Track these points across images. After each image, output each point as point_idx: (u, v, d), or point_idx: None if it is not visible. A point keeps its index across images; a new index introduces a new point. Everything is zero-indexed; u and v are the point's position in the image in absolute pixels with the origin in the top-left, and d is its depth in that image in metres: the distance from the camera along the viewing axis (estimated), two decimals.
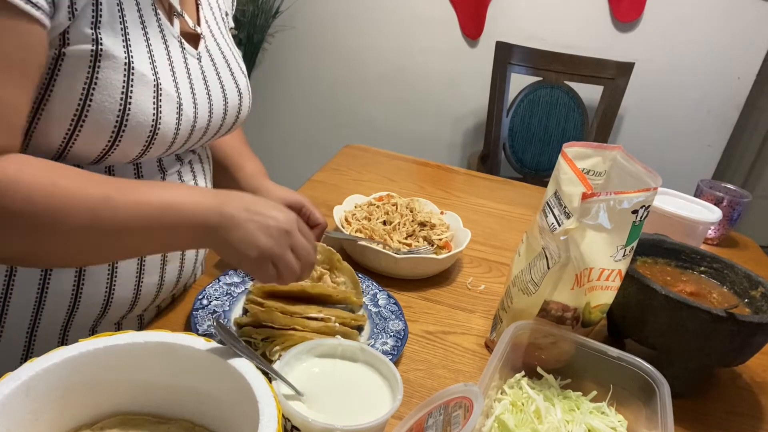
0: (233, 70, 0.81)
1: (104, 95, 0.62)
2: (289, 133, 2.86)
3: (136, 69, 0.63)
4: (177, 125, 0.69)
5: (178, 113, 0.69)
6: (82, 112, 0.62)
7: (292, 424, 0.56)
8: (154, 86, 0.65)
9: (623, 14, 2.39)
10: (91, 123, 0.62)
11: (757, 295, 0.84)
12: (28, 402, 0.49)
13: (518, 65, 2.24)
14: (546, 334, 0.76)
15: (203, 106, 0.74)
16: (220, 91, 0.77)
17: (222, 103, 0.78)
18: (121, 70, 0.62)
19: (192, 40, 0.75)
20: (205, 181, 0.85)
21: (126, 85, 0.63)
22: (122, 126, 0.64)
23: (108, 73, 0.62)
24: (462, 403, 0.55)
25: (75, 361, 0.52)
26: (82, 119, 0.62)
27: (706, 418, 0.81)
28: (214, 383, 0.55)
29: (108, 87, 0.62)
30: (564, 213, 0.73)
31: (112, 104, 0.62)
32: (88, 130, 0.63)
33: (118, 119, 0.63)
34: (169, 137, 0.69)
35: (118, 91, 0.62)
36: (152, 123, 0.66)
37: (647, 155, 2.21)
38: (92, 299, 0.73)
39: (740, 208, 1.33)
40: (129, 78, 0.63)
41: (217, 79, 0.77)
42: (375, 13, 2.58)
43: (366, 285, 0.91)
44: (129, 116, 0.64)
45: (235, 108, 0.81)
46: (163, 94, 0.66)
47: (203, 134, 0.76)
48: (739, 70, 2.41)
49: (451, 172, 1.59)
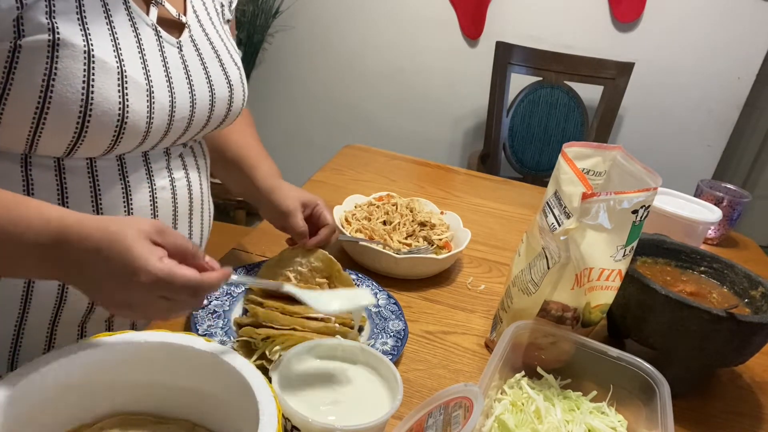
0: (223, 60, 0.79)
1: (65, 86, 0.60)
2: (289, 133, 2.86)
3: (96, 57, 0.62)
4: (149, 114, 0.67)
5: (149, 102, 0.67)
6: (44, 104, 0.60)
7: (292, 424, 0.56)
8: (117, 74, 0.64)
9: (623, 14, 2.39)
10: (54, 115, 0.61)
11: (757, 295, 0.84)
12: (28, 402, 0.49)
13: (518, 65, 2.24)
14: (546, 334, 0.76)
15: (183, 96, 0.72)
16: (205, 81, 0.76)
17: (208, 94, 0.76)
18: (80, 58, 0.61)
19: (175, 28, 0.74)
20: (199, 177, 0.83)
21: (87, 74, 0.61)
22: (87, 116, 0.62)
23: (67, 63, 0.60)
24: (462, 403, 0.55)
25: (75, 361, 0.52)
26: (45, 111, 0.61)
27: (706, 418, 0.81)
28: (214, 383, 0.55)
29: (68, 77, 0.60)
30: (564, 213, 0.73)
31: (74, 94, 0.61)
32: (53, 122, 0.62)
33: (82, 109, 0.62)
34: (141, 126, 0.67)
35: (79, 81, 0.61)
36: (119, 112, 0.64)
37: (647, 155, 2.20)
38: (77, 295, 0.71)
39: (740, 208, 1.33)
40: (90, 66, 0.61)
41: (202, 69, 0.75)
42: (375, 13, 2.58)
43: (366, 285, 0.91)
44: (93, 106, 0.62)
45: (224, 100, 0.79)
46: (130, 82, 0.65)
47: (187, 125, 0.74)
48: (739, 71, 2.41)
49: (451, 172, 1.59)
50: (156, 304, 0.55)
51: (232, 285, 0.86)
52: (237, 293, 0.84)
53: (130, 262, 0.52)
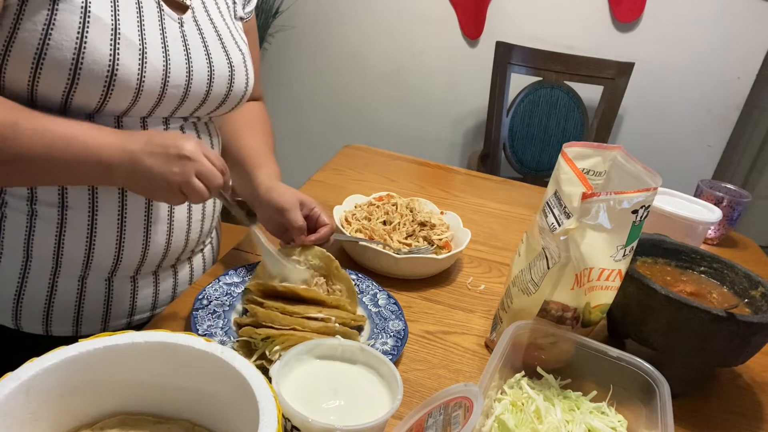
0: (226, 43, 0.83)
1: (61, 35, 0.66)
2: (289, 133, 2.86)
3: (92, 12, 0.67)
4: (140, 72, 0.71)
5: (140, 61, 0.71)
6: (42, 50, 0.66)
7: (292, 424, 0.56)
8: (111, 30, 0.68)
9: (623, 14, 2.39)
10: (50, 62, 0.66)
11: (757, 295, 0.84)
12: (28, 402, 0.49)
13: (518, 65, 2.24)
14: (546, 334, 0.76)
15: (179, 65, 0.76)
16: (204, 56, 0.79)
17: (206, 71, 0.79)
18: (77, 12, 0.66)
19: (180, 9, 0.78)
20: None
21: (82, 26, 0.67)
22: (78, 65, 0.67)
23: (65, 15, 0.66)
24: (462, 403, 0.55)
25: (75, 361, 0.52)
26: (42, 58, 0.66)
27: (706, 418, 0.81)
28: (214, 383, 0.55)
29: (65, 27, 0.66)
30: (564, 213, 0.73)
31: (68, 43, 0.66)
32: (48, 70, 0.67)
33: (74, 57, 0.67)
34: (132, 83, 0.71)
35: (74, 32, 0.66)
36: (108, 64, 0.68)
37: (647, 155, 2.21)
38: (103, 248, 0.79)
39: (740, 208, 1.33)
40: (85, 20, 0.67)
41: (202, 45, 0.79)
42: (375, 13, 2.58)
43: (366, 285, 0.91)
44: (84, 55, 0.67)
45: (224, 78, 0.82)
46: (123, 40, 0.69)
47: (184, 95, 0.78)
48: (739, 70, 2.41)
49: (451, 172, 1.59)
50: (192, 181, 0.69)
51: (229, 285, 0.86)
52: (237, 293, 0.84)
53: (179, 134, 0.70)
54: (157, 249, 0.83)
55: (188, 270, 0.93)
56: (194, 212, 0.87)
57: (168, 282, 0.90)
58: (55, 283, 0.79)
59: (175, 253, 0.86)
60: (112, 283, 0.83)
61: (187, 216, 0.86)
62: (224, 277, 0.87)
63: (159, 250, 0.83)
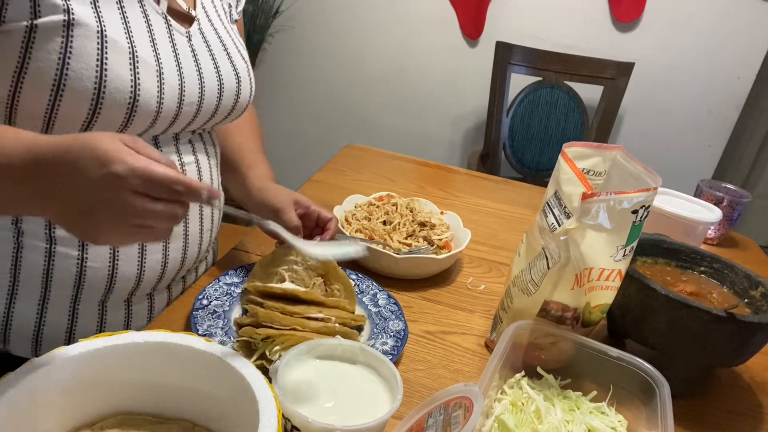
0: (231, 54, 0.82)
1: (80, 63, 0.63)
2: (289, 133, 2.86)
3: (108, 36, 0.65)
4: (159, 94, 0.70)
5: (159, 82, 0.69)
6: (60, 80, 0.63)
7: (292, 424, 0.56)
8: (129, 53, 0.66)
9: (623, 14, 2.39)
10: (70, 92, 0.64)
11: (757, 295, 0.84)
12: (29, 402, 0.49)
13: (518, 65, 2.24)
14: (546, 334, 0.76)
15: (192, 81, 0.75)
16: (213, 70, 0.78)
17: (216, 83, 0.78)
18: (94, 37, 0.64)
19: (185, 21, 0.76)
20: (209, 163, 0.85)
21: (100, 52, 0.64)
22: (101, 93, 0.65)
23: (82, 42, 0.63)
24: (462, 403, 0.55)
25: (75, 361, 0.52)
26: (61, 88, 0.63)
27: (706, 418, 0.81)
28: (214, 383, 0.55)
29: (83, 55, 0.63)
30: (564, 213, 0.73)
31: (88, 71, 0.64)
32: (69, 99, 0.64)
33: (96, 86, 0.64)
34: (153, 105, 0.69)
35: (93, 59, 0.64)
36: (131, 89, 0.66)
37: (647, 155, 2.20)
38: (95, 270, 0.74)
39: (740, 208, 1.33)
40: (102, 45, 0.64)
41: (210, 59, 0.78)
42: (375, 13, 2.58)
43: (366, 285, 0.91)
44: (106, 82, 0.65)
45: (232, 90, 0.81)
46: (141, 62, 0.67)
47: (197, 111, 0.77)
48: (739, 70, 2.41)
49: (451, 172, 1.59)
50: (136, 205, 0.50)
51: (233, 285, 0.86)
52: (237, 293, 0.84)
53: (102, 154, 0.49)
54: (151, 275, 0.79)
55: (181, 288, 0.89)
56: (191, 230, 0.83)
57: (162, 302, 0.86)
58: (44, 308, 0.75)
59: (171, 275, 0.82)
60: (105, 308, 0.79)
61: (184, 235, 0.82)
62: (224, 277, 0.87)
63: (154, 276, 0.80)
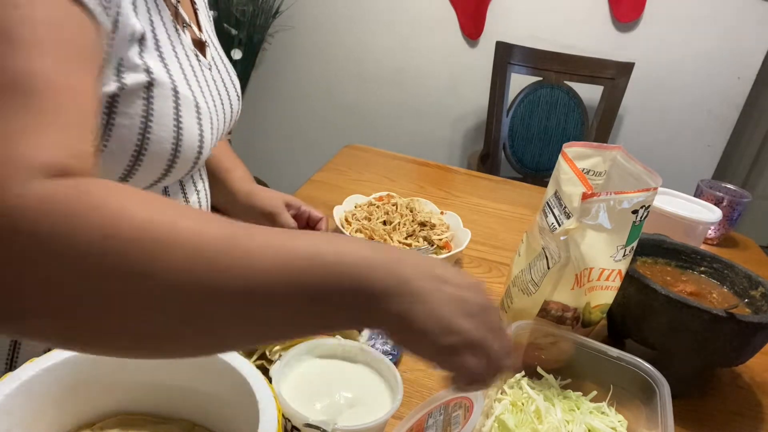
0: (231, 74, 0.80)
1: (160, 125, 0.58)
2: (289, 133, 2.86)
3: (180, 93, 0.60)
4: (211, 139, 0.67)
5: (211, 128, 0.66)
6: (143, 145, 0.58)
7: (292, 424, 0.56)
8: (195, 106, 0.62)
9: (623, 14, 2.39)
10: (151, 156, 0.59)
11: (757, 295, 0.84)
12: (28, 402, 0.49)
13: (518, 65, 2.24)
14: (546, 334, 0.76)
15: (220, 117, 0.72)
16: (227, 98, 0.76)
17: (230, 111, 0.76)
18: (170, 96, 0.59)
19: (200, 48, 0.72)
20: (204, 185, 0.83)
21: (176, 111, 0.60)
22: (176, 153, 0.61)
23: (161, 102, 0.58)
24: (462, 403, 0.55)
25: (75, 361, 0.52)
26: (142, 153, 0.58)
27: (706, 418, 0.81)
28: (214, 383, 0.55)
29: (162, 116, 0.58)
30: (564, 213, 0.73)
31: (166, 133, 0.59)
32: (148, 164, 0.60)
33: (173, 146, 0.60)
34: (205, 153, 0.66)
35: (170, 119, 0.59)
36: (198, 143, 0.63)
37: (647, 155, 2.20)
38: None
39: (740, 208, 1.33)
40: (177, 103, 0.60)
41: (224, 86, 0.75)
42: (375, 13, 2.58)
43: None
44: (182, 141, 0.61)
45: (236, 112, 0.80)
46: (202, 113, 0.64)
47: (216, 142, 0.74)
48: (739, 71, 2.41)
49: (451, 172, 1.59)
50: (489, 343, 0.43)
51: None
52: None
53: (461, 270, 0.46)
54: None
55: None
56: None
57: None
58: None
59: None
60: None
61: None
62: None
63: None
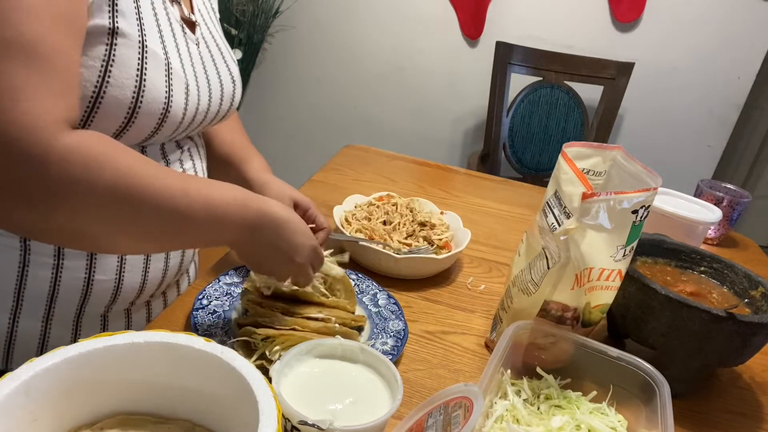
0: (226, 57, 0.83)
1: (122, 71, 0.63)
2: (289, 133, 2.86)
3: (149, 47, 0.65)
4: (185, 106, 0.71)
5: (186, 94, 0.70)
6: (101, 88, 0.63)
7: (292, 424, 0.56)
8: (165, 65, 0.67)
9: (623, 14, 2.39)
10: (109, 99, 0.63)
11: (757, 295, 0.84)
12: (28, 402, 0.49)
13: (518, 65, 2.24)
14: (546, 334, 0.76)
15: (204, 90, 0.76)
16: (216, 76, 0.79)
17: (219, 89, 0.80)
18: (135, 47, 0.64)
19: (189, 26, 0.77)
20: (203, 167, 0.86)
21: (140, 62, 0.64)
22: (138, 103, 0.65)
23: (124, 50, 0.63)
24: (462, 403, 0.55)
25: (75, 361, 0.52)
26: (101, 96, 0.63)
27: (706, 418, 0.81)
28: (214, 383, 0.55)
29: (125, 64, 0.63)
30: (564, 213, 0.73)
31: (128, 80, 0.64)
32: (105, 108, 0.64)
33: (134, 96, 0.64)
34: (179, 117, 0.70)
35: (134, 69, 0.64)
36: (164, 101, 0.67)
37: (647, 155, 2.21)
38: (101, 285, 0.74)
39: (740, 208, 1.33)
40: (143, 56, 0.65)
41: (213, 65, 0.79)
42: (375, 13, 2.58)
43: (366, 285, 0.91)
44: (144, 93, 0.65)
45: (229, 94, 0.83)
46: (174, 74, 0.68)
47: (203, 118, 0.77)
48: (739, 70, 2.41)
49: (451, 172, 1.59)
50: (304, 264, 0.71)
51: (231, 285, 0.86)
52: (237, 293, 0.84)
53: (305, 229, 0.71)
54: (153, 281, 0.79)
55: (176, 293, 0.89)
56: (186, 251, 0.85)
57: (158, 308, 0.86)
58: (16, 321, 0.73)
59: (150, 290, 0.81)
60: (107, 319, 0.78)
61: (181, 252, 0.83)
62: (224, 277, 0.87)
63: (155, 282, 0.80)
